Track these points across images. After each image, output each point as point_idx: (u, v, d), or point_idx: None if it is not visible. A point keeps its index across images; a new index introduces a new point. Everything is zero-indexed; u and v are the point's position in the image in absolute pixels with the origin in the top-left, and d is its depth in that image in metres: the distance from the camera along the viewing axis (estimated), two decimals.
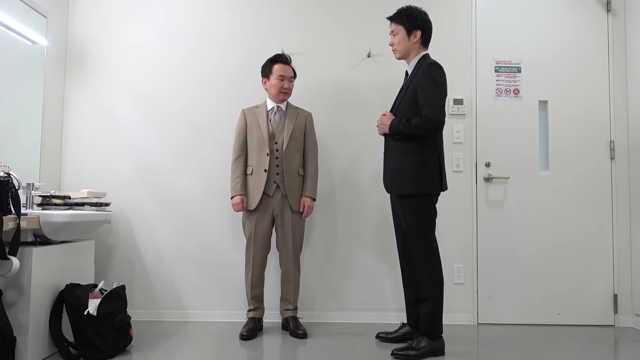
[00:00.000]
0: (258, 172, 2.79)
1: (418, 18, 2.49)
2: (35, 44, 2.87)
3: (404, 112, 2.45)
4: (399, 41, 2.52)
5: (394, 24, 2.54)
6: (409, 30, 2.49)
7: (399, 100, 2.54)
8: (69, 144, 3.18)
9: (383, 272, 3.13)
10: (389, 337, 2.65)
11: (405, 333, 2.62)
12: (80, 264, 2.59)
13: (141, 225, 3.14)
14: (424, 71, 2.41)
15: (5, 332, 2.02)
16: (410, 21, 2.49)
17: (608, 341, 2.82)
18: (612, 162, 3.20)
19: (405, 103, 2.46)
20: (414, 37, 2.50)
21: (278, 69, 2.82)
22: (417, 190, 2.42)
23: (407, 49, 2.52)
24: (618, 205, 3.18)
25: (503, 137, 3.19)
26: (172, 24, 3.22)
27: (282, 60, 2.84)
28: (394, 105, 2.59)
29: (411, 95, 2.43)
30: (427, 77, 2.39)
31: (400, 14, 2.52)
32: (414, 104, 2.41)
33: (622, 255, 3.16)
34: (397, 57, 2.58)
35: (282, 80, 2.81)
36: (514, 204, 3.17)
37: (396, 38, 2.53)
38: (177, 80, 3.20)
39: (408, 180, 2.42)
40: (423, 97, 2.37)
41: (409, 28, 2.49)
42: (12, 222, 2.05)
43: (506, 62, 3.22)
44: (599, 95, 3.22)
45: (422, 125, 2.35)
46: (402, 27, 2.50)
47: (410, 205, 2.44)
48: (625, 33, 3.24)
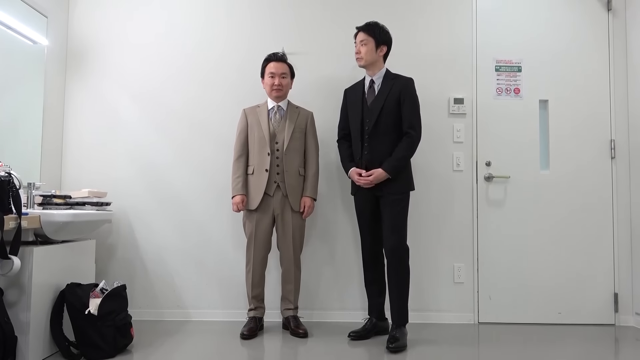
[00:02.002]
0: (259, 172, 2.79)
1: (387, 35, 2.74)
2: (35, 43, 2.87)
3: (387, 125, 2.64)
4: (367, 51, 2.70)
5: (364, 34, 2.72)
6: (378, 44, 2.71)
7: (377, 111, 2.64)
8: (70, 143, 3.18)
9: None
10: (362, 334, 2.71)
11: (374, 325, 2.76)
12: (81, 264, 2.59)
13: (142, 224, 3.15)
14: (407, 92, 2.65)
15: (7, 331, 2.02)
16: (381, 36, 2.71)
17: (609, 340, 2.82)
18: (612, 161, 3.20)
19: (388, 117, 2.64)
20: (380, 51, 2.72)
21: (269, 67, 2.83)
22: (410, 188, 2.69)
23: (373, 60, 2.71)
24: (618, 204, 3.18)
25: (503, 136, 3.19)
26: (173, 22, 3.23)
27: (274, 58, 2.84)
28: (368, 113, 2.66)
29: (391, 108, 2.64)
30: (409, 101, 2.64)
31: (373, 28, 2.72)
32: (396, 117, 2.64)
33: (623, 254, 3.16)
34: (361, 65, 2.76)
35: (273, 78, 2.81)
36: (515, 203, 3.17)
37: (364, 48, 2.70)
38: (177, 79, 3.20)
39: (404, 178, 2.65)
40: (408, 120, 2.63)
41: (379, 42, 2.71)
42: (13, 222, 2.05)
43: (507, 61, 3.22)
44: (599, 95, 3.22)
45: (412, 147, 2.63)
46: (373, 40, 2.70)
47: (404, 201, 2.64)
48: (626, 32, 3.24)
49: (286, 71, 2.85)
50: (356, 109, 2.73)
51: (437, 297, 3.14)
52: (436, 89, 3.19)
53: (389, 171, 2.58)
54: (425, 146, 3.06)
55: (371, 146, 2.65)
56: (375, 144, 2.64)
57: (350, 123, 2.76)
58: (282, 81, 2.82)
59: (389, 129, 2.65)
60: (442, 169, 3.17)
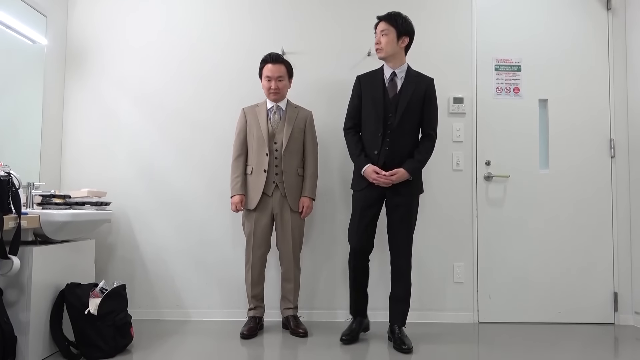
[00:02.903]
0: (257, 172, 2.79)
1: (410, 26, 2.62)
2: (35, 43, 2.87)
3: (412, 124, 2.59)
4: (388, 42, 2.57)
5: (385, 24, 2.59)
6: (400, 34, 2.57)
7: (403, 107, 2.55)
8: (69, 143, 3.18)
9: (382, 270, 3.12)
10: (354, 336, 2.64)
11: (359, 323, 2.71)
12: (80, 263, 2.59)
13: (141, 224, 3.14)
14: (431, 93, 2.62)
15: (6, 331, 2.02)
16: (403, 26, 2.58)
17: (608, 339, 2.83)
18: (612, 160, 3.20)
19: (414, 114, 2.58)
20: (402, 42, 2.58)
21: (265, 70, 2.81)
22: (421, 191, 2.67)
23: (394, 52, 2.59)
24: (618, 203, 3.18)
25: (503, 135, 3.19)
26: (173, 22, 3.22)
27: (270, 60, 2.81)
28: (392, 107, 2.57)
29: (416, 106, 2.58)
30: (433, 102, 2.62)
31: (396, 17, 2.59)
32: (418, 116, 2.60)
33: (622, 253, 3.16)
34: (380, 57, 2.64)
35: (270, 81, 2.79)
36: (514, 203, 3.17)
37: (385, 38, 2.57)
38: (177, 79, 3.20)
39: (418, 179, 2.64)
40: (430, 125, 2.62)
41: (400, 32, 2.58)
42: (13, 222, 2.05)
43: (506, 60, 3.22)
44: (599, 94, 3.22)
45: (432, 150, 2.62)
46: (394, 30, 2.57)
47: (416, 203, 2.64)
48: (625, 31, 3.24)
49: (283, 73, 2.81)
50: (376, 100, 2.59)
51: (437, 296, 3.14)
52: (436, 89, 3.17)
53: (412, 172, 2.53)
54: None
55: (393, 142, 2.55)
56: (397, 141, 2.55)
57: (367, 114, 2.62)
58: (279, 84, 2.80)
59: (413, 128, 2.59)
60: (442, 169, 3.17)
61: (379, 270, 2.92)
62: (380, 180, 2.51)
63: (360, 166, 2.59)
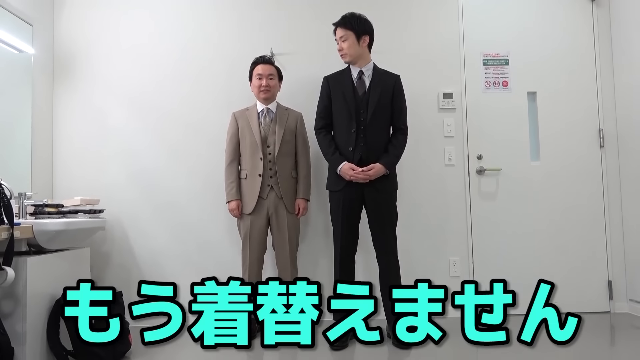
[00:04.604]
0: (252, 176, 2.80)
1: (366, 23, 2.64)
2: (21, 52, 2.85)
3: (383, 118, 2.64)
4: (350, 46, 2.62)
5: (342, 30, 2.63)
6: (359, 35, 2.62)
7: (374, 102, 2.59)
8: (60, 151, 3.16)
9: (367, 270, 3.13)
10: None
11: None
12: (76, 272, 2.57)
13: (136, 230, 3.13)
14: (399, 88, 2.67)
15: (3, 343, 2.01)
16: (360, 26, 2.62)
17: (604, 327, 2.85)
18: (601, 150, 3.23)
19: (384, 110, 2.63)
20: (363, 42, 2.63)
21: (257, 69, 2.84)
22: (396, 185, 2.71)
23: (358, 54, 2.64)
24: (609, 192, 3.21)
25: (493, 129, 3.21)
26: (161, 26, 3.21)
27: (261, 61, 2.86)
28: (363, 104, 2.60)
29: (386, 101, 2.63)
30: (401, 97, 2.68)
31: (350, 20, 2.62)
32: (388, 112, 2.65)
33: (615, 242, 3.19)
34: (347, 62, 2.68)
35: (261, 79, 2.82)
36: (507, 195, 3.19)
37: (346, 43, 2.62)
38: (167, 82, 3.18)
39: (394, 175, 2.68)
40: (400, 119, 2.67)
41: (359, 33, 2.62)
42: (5, 232, 2.04)
43: (494, 54, 3.24)
44: (586, 85, 3.25)
45: (405, 144, 2.68)
46: (352, 33, 2.61)
47: (395, 198, 2.69)
48: (610, 22, 3.27)
49: (273, 72, 2.85)
50: (346, 98, 2.63)
51: None
52: (425, 85, 3.20)
53: (388, 167, 2.58)
54: (417, 142, 3.07)
55: (367, 138, 2.60)
56: (371, 136, 2.60)
57: (338, 113, 2.66)
58: (270, 82, 2.82)
59: (384, 123, 2.65)
60: (434, 164, 3.19)
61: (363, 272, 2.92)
62: (358, 176, 2.53)
63: (336, 165, 2.61)
